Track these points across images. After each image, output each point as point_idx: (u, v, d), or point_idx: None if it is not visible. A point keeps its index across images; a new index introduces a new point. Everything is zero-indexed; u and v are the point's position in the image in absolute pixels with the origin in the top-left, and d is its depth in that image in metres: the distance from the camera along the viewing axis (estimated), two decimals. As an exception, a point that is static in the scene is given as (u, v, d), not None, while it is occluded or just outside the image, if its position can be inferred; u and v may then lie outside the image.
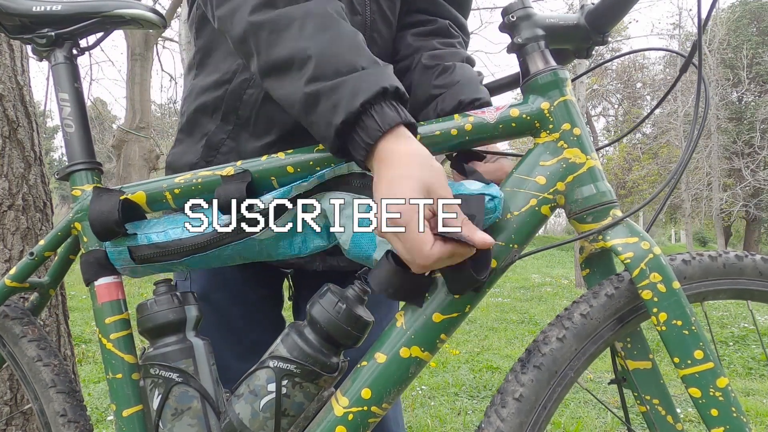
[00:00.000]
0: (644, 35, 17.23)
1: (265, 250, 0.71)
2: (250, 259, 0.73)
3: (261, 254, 0.72)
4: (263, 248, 0.71)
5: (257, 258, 0.72)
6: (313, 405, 0.68)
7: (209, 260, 0.72)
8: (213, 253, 0.71)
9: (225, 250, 0.70)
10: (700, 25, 0.64)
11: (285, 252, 0.71)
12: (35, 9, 0.73)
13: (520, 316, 5.92)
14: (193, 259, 0.71)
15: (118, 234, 0.71)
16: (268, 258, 0.72)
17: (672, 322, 0.60)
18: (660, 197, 0.95)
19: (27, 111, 1.31)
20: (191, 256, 0.71)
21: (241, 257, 0.72)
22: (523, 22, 0.68)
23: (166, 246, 0.71)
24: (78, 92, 0.76)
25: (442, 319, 0.64)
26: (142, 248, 0.71)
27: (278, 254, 0.72)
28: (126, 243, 0.72)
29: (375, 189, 0.59)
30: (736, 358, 3.99)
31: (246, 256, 0.72)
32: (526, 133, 0.68)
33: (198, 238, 0.70)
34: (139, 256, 0.71)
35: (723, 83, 14.57)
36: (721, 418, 0.59)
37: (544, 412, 0.62)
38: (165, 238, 0.71)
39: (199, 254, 0.70)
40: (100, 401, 2.68)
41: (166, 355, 0.68)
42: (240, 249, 0.70)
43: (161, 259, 0.71)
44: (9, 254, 1.25)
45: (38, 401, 0.80)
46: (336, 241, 0.71)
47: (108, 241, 0.72)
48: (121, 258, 0.72)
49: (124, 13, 0.73)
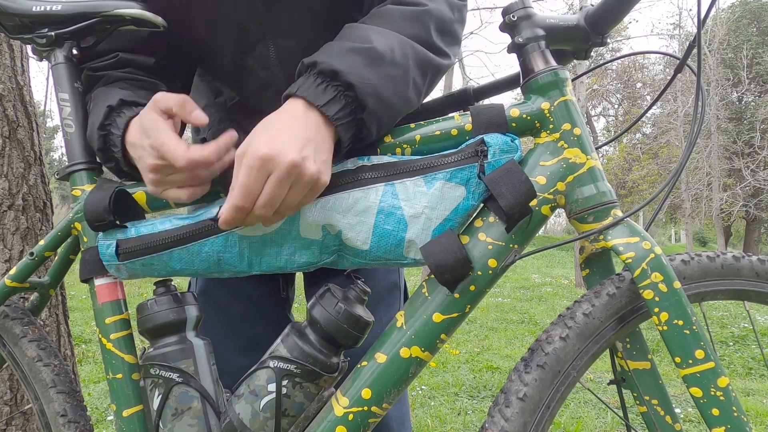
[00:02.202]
0: (644, 35, 17.21)
1: (246, 253, 0.68)
2: (232, 267, 0.70)
3: (242, 260, 0.69)
4: (244, 251, 0.68)
5: (239, 265, 0.69)
6: (314, 405, 0.68)
7: (191, 259, 0.69)
8: (194, 248, 0.68)
9: (205, 245, 0.68)
10: (699, 25, 0.64)
11: (270, 262, 0.69)
12: (35, 9, 0.73)
13: (520, 316, 5.93)
14: (172, 254, 0.69)
15: (106, 221, 0.69)
16: (249, 269, 0.70)
17: (673, 321, 0.60)
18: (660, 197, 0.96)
19: (27, 111, 1.31)
20: (170, 250, 0.69)
21: (222, 262, 0.69)
22: (523, 22, 0.68)
23: (150, 238, 0.69)
24: (78, 92, 0.76)
25: (442, 319, 0.64)
26: (129, 241, 0.69)
27: (262, 263, 0.69)
28: (116, 235, 0.70)
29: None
30: (736, 358, 3.99)
31: (227, 259, 0.69)
32: (526, 133, 0.68)
33: (180, 230, 0.68)
34: (124, 250, 0.69)
35: (723, 83, 14.56)
36: (722, 417, 0.59)
37: (547, 411, 0.62)
38: (152, 230, 0.70)
39: (179, 248, 0.68)
40: (100, 401, 2.68)
41: (166, 355, 0.68)
42: (220, 247, 0.68)
43: (143, 252, 0.69)
44: (9, 254, 1.25)
45: (38, 401, 0.80)
46: (328, 259, 0.69)
47: (99, 231, 0.71)
48: (108, 253, 0.70)
49: (124, 13, 0.72)
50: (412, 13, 0.70)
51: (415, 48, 0.69)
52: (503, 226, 0.64)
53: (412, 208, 0.65)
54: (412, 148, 0.68)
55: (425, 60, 0.70)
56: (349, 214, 0.65)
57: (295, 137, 0.60)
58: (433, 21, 0.71)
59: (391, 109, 0.66)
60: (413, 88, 0.69)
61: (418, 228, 0.65)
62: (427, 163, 0.65)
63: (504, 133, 0.66)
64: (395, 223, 0.65)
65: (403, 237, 0.65)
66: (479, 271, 0.64)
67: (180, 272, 0.71)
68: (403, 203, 0.65)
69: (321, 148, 0.62)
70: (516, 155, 0.65)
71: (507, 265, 0.65)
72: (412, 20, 0.70)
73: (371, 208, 0.65)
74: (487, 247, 0.64)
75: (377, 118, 0.65)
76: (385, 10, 0.72)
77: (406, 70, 0.67)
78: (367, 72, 0.63)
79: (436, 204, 0.65)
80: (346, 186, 0.66)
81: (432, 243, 0.63)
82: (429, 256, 0.62)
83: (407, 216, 0.65)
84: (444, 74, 0.76)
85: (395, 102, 0.66)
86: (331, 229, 0.67)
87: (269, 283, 0.94)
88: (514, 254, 0.65)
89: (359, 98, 0.62)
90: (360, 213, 0.65)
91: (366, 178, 0.66)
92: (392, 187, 0.65)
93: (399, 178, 0.65)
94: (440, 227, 0.65)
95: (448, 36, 0.74)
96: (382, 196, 0.65)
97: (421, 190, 0.65)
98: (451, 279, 0.62)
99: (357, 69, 0.63)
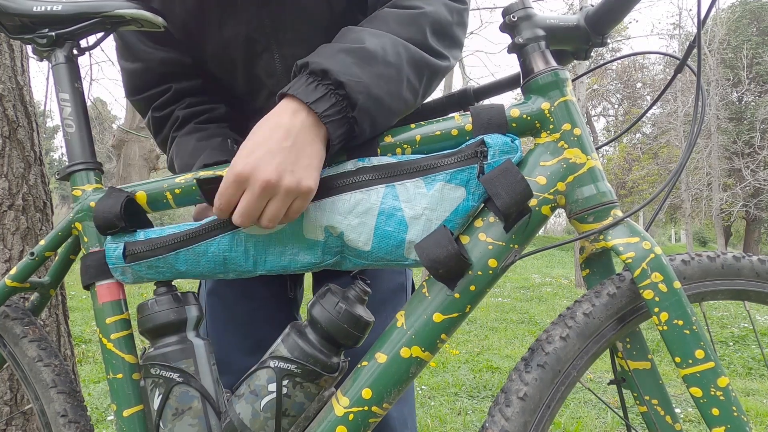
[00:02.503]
0: (644, 35, 17.21)
1: (251, 253, 0.69)
2: (238, 266, 0.70)
3: (247, 259, 0.69)
4: (249, 249, 0.69)
5: (244, 264, 0.70)
6: (314, 405, 0.68)
7: (197, 260, 0.70)
8: (200, 249, 0.69)
9: (211, 245, 0.69)
10: (699, 25, 0.64)
11: (274, 262, 0.69)
12: (35, 9, 0.73)
13: (520, 316, 5.93)
14: (178, 256, 0.70)
15: (117, 227, 0.71)
16: (254, 268, 0.70)
17: (673, 321, 0.60)
18: (660, 197, 0.96)
19: (27, 111, 1.31)
20: (177, 251, 0.70)
21: (228, 261, 0.70)
22: (523, 23, 0.68)
23: (158, 241, 0.70)
24: (78, 92, 0.76)
25: (442, 319, 0.64)
26: (137, 244, 0.71)
27: (266, 262, 0.70)
28: (124, 238, 0.71)
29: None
30: (736, 358, 3.99)
31: (233, 258, 0.69)
32: (526, 133, 0.68)
33: (187, 232, 0.70)
34: (131, 253, 0.71)
35: (723, 83, 14.56)
36: (722, 417, 0.60)
37: (548, 411, 0.62)
38: (160, 234, 0.71)
39: (185, 249, 0.70)
40: (101, 401, 2.68)
41: (166, 355, 0.68)
42: (226, 246, 0.69)
43: (149, 254, 0.70)
44: (9, 254, 1.25)
45: (39, 401, 0.80)
46: (331, 260, 0.69)
47: (108, 234, 0.72)
48: (115, 255, 0.71)
49: (125, 13, 0.72)
50: (408, 16, 0.71)
51: (409, 48, 0.69)
52: (503, 225, 0.64)
53: (412, 210, 0.65)
54: (413, 148, 0.68)
55: (420, 60, 0.70)
56: (350, 215, 0.65)
57: (273, 150, 0.62)
58: (429, 23, 0.72)
59: (384, 107, 0.67)
60: (408, 87, 0.69)
61: (419, 229, 0.65)
62: (427, 164, 0.65)
63: (504, 133, 0.66)
64: (396, 225, 0.65)
65: (404, 238, 0.65)
66: (479, 271, 0.64)
67: (185, 274, 0.72)
68: (403, 205, 0.65)
69: (303, 153, 0.63)
70: (516, 156, 0.65)
71: (507, 265, 0.65)
72: (408, 22, 0.70)
73: (372, 209, 0.65)
74: (487, 247, 0.64)
75: (369, 115, 0.65)
76: (381, 13, 0.72)
77: (399, 69, 0.67)
78: (358, 70, 0.64)
79: (436, 205, 0.65)
80: (347, 188, 0.66)
81: (424, 240, 0.64)
82: (421, 253, 0.63)
83: (408, 217, 0.65)
84: (443, 76, 0.76)
85: (388, 100, 0.67)
86: (333, 231, 0.67)
87: (277, 284, 0.94)
88: (515, 254, 0.65)
89: (349, 96, 0.63)
90: (361, 214, 0.65)
91: (366, 179, 0.66)
92: (393, 189, 0.65)
93: (399, 179, 0.66)
94: None
95: (446, 38, 0.74)
96: (383, 198, 0.65)
97: (421, 191, 0.65)
98: (445, 274, 0.63)
99: (347, 68, 0.64)
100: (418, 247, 0.64)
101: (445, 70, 0.75)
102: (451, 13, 0.74)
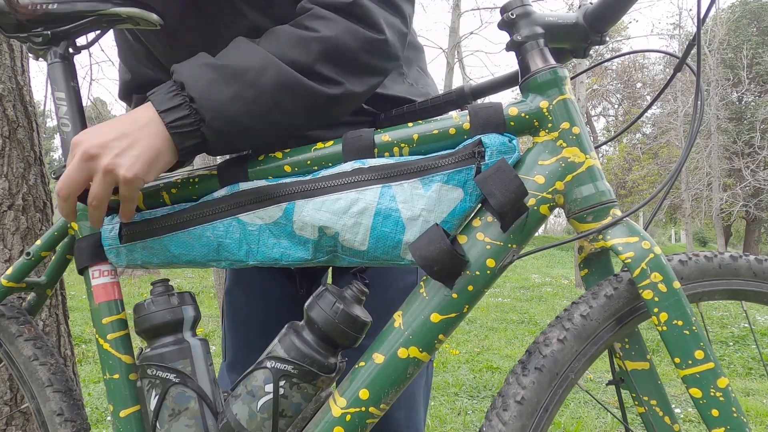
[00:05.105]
0: (644, 35, 17.22)
1: (245, 241, 0.69)
2: (230, 254, 0.70)
3: (240, 247, 0.70)
4: (244, 237, 0.69)
5: (237, 253, 0.70)
6: (311, 406, 0.68)
7: (192, 244, 0.71)
8: (196, 232, 0.70)
9: (207, 230, 0.70)
10: (699, 25, 0.64)
11: (265, 253, 0.69)
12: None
13: (520, 316, 5.92)
14: (173, 238, 0.71)
15: (115, 210, 0.72)
16: (246, 258, 0.70)
17: (673, 322, 0.60)
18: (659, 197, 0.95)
19: (27, 111, 1.31)
20: (173, 233, 0.71)
21: (222, 248, 0.70)
22: (522, 20, 0.67)
23: (154, 222, 0.72)
24: (75, 91, 0.75)
25: (440, 319, 0.64)
26: (133, 225, 0.72)
27: (258, 253, 0.70)
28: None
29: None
30: (736, 358, 3.99)
31: (227, 245, 0.70)
32: (524, 132, 0.67)
33: (182, 213, 0.71)
34: (126, 233, 0.72)
35: (723, 83, 14.56)
36: (721, 418, 0.59)
37: (545, 414, 0.62)
38: (155, 214, 0.72)
39: (181, 231, 0.71)
40: (100, 401, 2.68)
41: (163, 355, 0.68)
42: (222, 232, 0.70)
43: (144, 235, 0.72)
44: (9, 254, 1.24)
45: (35, 400, 0.79)
46: (323, 257, 0.69)
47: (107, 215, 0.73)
48: (110, 236, 0.72)
49: (121, 11, 0.72)
50: (298, 37, 0.68)
51: (283, 72, 0.67)
52: (500, 225, 0.64)
53: (409, 211, 0.64)
54: (410, 147, 0.68)
55: (295, 85, 0.67)
56: (345, 215, 0.65)
57: (109, 132, 0.65)
58: (322, 48, 0.68)
59: (241, 127, 0.67)
60: (280, 111, 0.68)
61: (416, 230, 0.64)
62: (425, 165, 0.65)
63: (502, 132, 0.66)
64: (393, 225, 0.65)
65: (401, 239, 0.65)
66: (477, 270, 0.64)
67: (178, 258, 0.72)
68: (400, 205, 0.65)
69: (138, 144, 0.64)
70: (514, 156, 0.65)
71: (505, 264, 0.64)
72: (296, 44, 0.68)
73: (368, 209, 0.65)
74: (485, 246, 0.64)
75: (220, 133, 0.67)
76: (277, 29, 0.70)
77: (262, 91, 0.66)
78: (215, 88, 0.66)
79: (434, 206, 0.64)
80: (341, 187, 0.66)
81: (418, 239, 0.64)
82: (414, 252, 0.63)
83: (405, 218, 0.64)
84: (341, 103, 0.71)
85: (246, 121, 0.67)
86: (328, 231, 0.66)
87: (292, 284, 0.94)
88: (513, 254, 0.65)
89: (200, 112, 0.66)
90: (357, 214, 0.65)
91: (362, 179, 0.66)
92: (389, 189, 0.65)
93: (396, 180, 0.65)
94: None
95: (344, 65, 0.70)
96: (380, 198, 0.65)
97: (419, 192, 0.65)
98: (440, 271, 0.63)
99: (204, 84, 0.66)
100: (411, 247, 0.64)
101: (337, 97, 0.70)
102: (355, 39, 0.69)
